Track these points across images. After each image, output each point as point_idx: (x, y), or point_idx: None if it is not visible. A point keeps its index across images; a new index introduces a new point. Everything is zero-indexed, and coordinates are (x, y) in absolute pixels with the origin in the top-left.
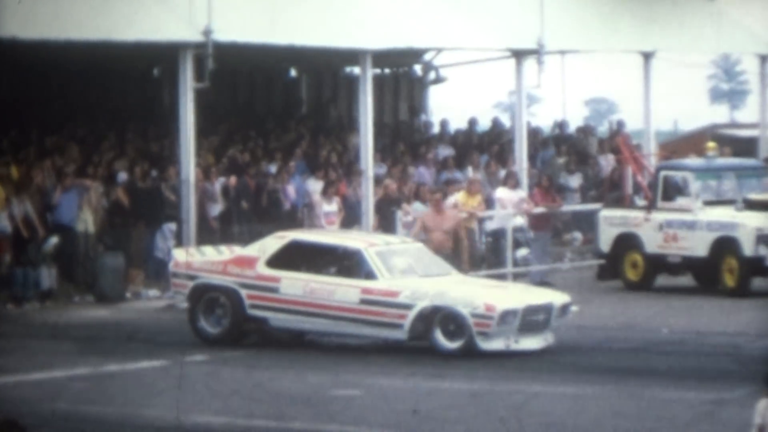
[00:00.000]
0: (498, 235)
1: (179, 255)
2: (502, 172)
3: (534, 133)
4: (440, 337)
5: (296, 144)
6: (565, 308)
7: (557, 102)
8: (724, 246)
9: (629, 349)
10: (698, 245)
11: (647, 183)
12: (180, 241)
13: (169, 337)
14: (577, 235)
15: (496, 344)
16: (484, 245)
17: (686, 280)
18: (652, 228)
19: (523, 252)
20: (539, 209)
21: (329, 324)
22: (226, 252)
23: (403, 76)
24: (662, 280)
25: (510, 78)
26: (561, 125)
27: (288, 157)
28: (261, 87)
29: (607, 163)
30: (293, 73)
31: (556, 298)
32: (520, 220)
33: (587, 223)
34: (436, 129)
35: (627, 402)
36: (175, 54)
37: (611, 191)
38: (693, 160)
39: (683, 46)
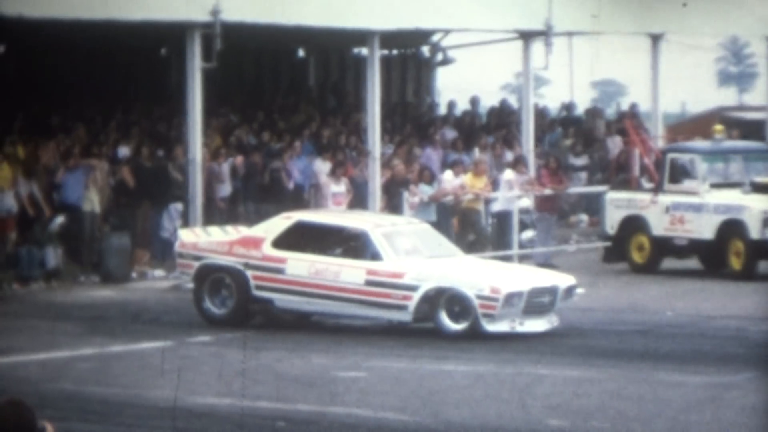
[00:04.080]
0: (503, 217)
1: (185, 235)
2: (508, 154)
3: (541, 115)
4: (445, 319)
5: (304, 125)
6: (570, 290)
7: (565, 84)
8: (731, 229)
9: (634, 332)
10: (705, 228)
11: (654, 165)
12: (186, 221)
13: (174, 318)
14: (583, 218)
15: (500, 326)
16: (489, 227)
17: (692, 263)
18: (659, 210)
19: (528, 234)
20: (546, 191)
21: (334, 305)
22: (232, 232)
23: (410, 58)
24: (668, 262)
25: (518, 60)
26: (568, 107)
27: (296, 138)
28: (269, 67)
29: (614, 145)
30: (301, 53)
31: (561, 280)
32: (527, 202)
33: (594, 205)
34: (443, 110)
35: (630, 385)
36: (182, 34)
37: (618, 173)
38: (700, 143)
39: (691, 28)
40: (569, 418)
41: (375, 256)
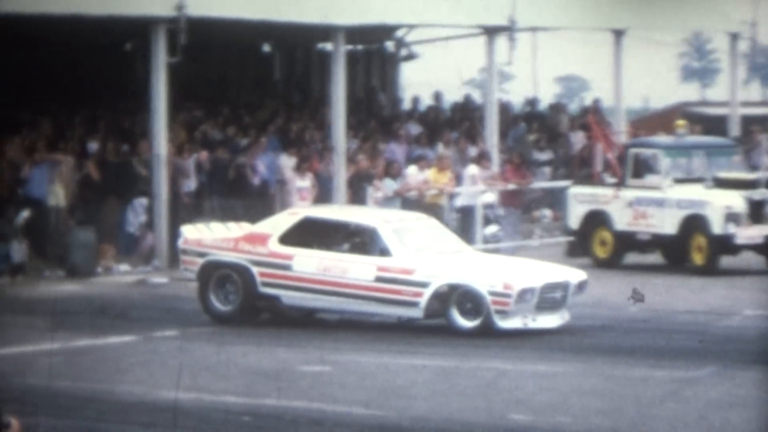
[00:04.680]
0: (467, 212)
1: (188, 232)
2: (472, 149)
3: (505, 110)
4: (457, 316)
5: (270, 120)
6: (581, 286)
7: (528, 79)
8: (693, 224)
9: (597, 327)
10: (667, 223)
11: (617, 160)
12: (151, 216)
13: (140, 313)
14: (547, 213)
15: (513, 322)
16: (454, 222)
17: (655, 257)
18: (622, 205)
19: (492, 229)
20: (509, 186)
21: (343, 302)
22: (235, 228)
23: (375, 53)
24: (631, 257)
25: (482, 55)
26: (532, 102)
27: (261, 133)
28: (234, 62)
29: (577, 140)
30: (266, 48)
31: (572, 275)
32: (490, 197)
33: (557, 200)
34: (407, 105)
35: (594, 380)
36: (147, 29)
37: (581, 168)
38: (663, 138)
39: (654, 24)
40: (532, 412)
41: (384, 252)
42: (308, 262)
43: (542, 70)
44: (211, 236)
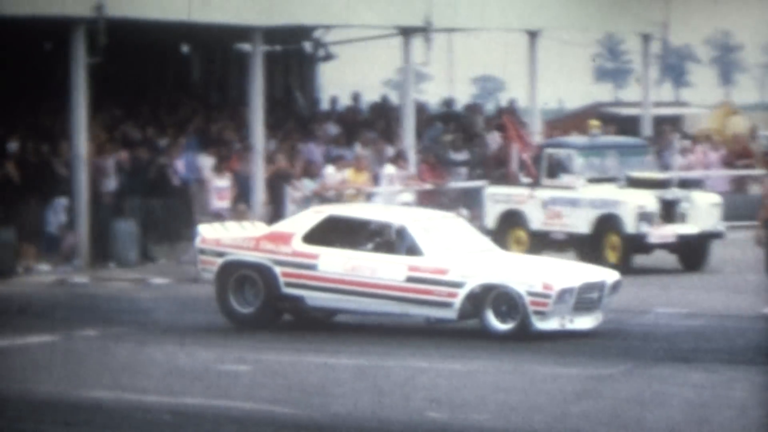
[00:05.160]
0: None
1: (206, 231)
2: (389, 149)
3: (421, 111)
4: (491, 318)
5: (189, 120)
6: (616, 286)
7: (445, 80)
8: (607, 223)
9: None
10: (581, 222)
11: (532, 161)
12: (72, 216)
13: (61, 312)
14: (464, 212)
15: (551, 324)
16: None
17: (570, 256)
18: (536, 205)
19: None
20: (426, 186)
21: (372, 303)
22: (250, 227)
23: (293, 54)
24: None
25: (399, 55)
26: (448, 103)
27: (180, 133)
28: (153, 63)
29: (493, 140)
30: (185, 49)
31: (607, 275)
32: (408, 197)
33: (473, 200)
34: (325, 105)
35: (510, 377)
36: (67, 29)
37: (496, 169)
38: (576, 138)
39: (568, 25)
40: (449, 410)
41: (414, 251)
42: (334, 261)
43: (458, 71)
44: (229, 235)
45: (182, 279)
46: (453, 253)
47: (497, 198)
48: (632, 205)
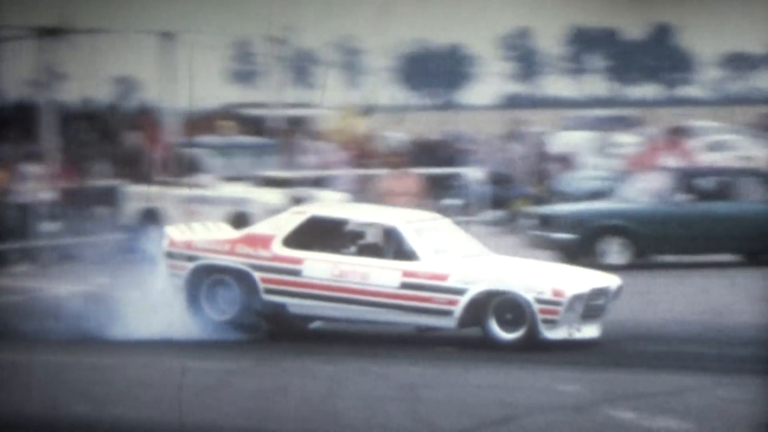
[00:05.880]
0: (24, 209)
1: (174, 232)
2: (29, 147)
3: (60, 110)
4: (495, 326)
5: None
6: (618, 291)
7: (84, 79)
8: (240, 220)
9: None
10: (215, 219)
11: (168, 160)
12: None
13: None
14: (103, 210)
15: (559, 333)
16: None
17: None
18: (173, 203)
19: (51, 226)
20: (66, 184)
21: (363, 311)
22: (215, 229)
23: None
24: None
25: (37, 55)
26: (87, 102)
27: None
28: None
29: (131, 140)
30: None
31: (611, 280)
32: (48, 194)
33: (113, 198)
34: None
35: (137, 371)
36: None
37: (134, 167)
38: (210, 138)
39: (203, 28)
40: (92, 403)
41: (409, 255)
42: (320, 266)
43: (98, 71)
44: (200, 237)
45: None
46: (449, 257)
47: (135, 196)
48: (262, 202)
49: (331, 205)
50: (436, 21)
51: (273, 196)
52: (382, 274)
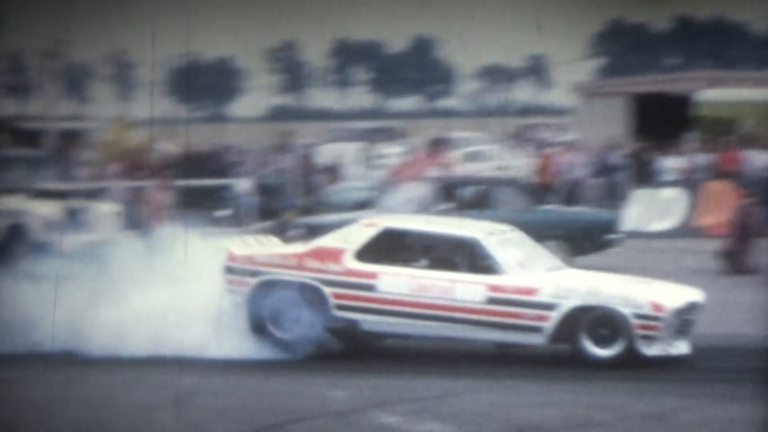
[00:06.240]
0: None
1: (235, 246)
2: None
3: None
4: (588, 343)
5: None
6: (703, 306)
7: None
8: (13, 233)
9: None
10: None
11: None
12: None
13: None
14: None
15: (656, 349)
16: None
17: None
18: None
19: None
20: None
21: (445, 327)
22: (268, 243)
23: None
24: None
25: None
26: None
27: None
28: None
29: None
30: None
31: (698, 294)
32: None
33: None
34: None
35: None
36: None
37: None
38: None
39: None
40: None
41: (491, 269)
42: (397, 281)
43: None
44: (265, 251)
45: None
46: (534, 270)
47: None
48: (39, 215)
49: (401, 217)
50: (206, 35)
51: (48, 208)
52: (465, 289)
